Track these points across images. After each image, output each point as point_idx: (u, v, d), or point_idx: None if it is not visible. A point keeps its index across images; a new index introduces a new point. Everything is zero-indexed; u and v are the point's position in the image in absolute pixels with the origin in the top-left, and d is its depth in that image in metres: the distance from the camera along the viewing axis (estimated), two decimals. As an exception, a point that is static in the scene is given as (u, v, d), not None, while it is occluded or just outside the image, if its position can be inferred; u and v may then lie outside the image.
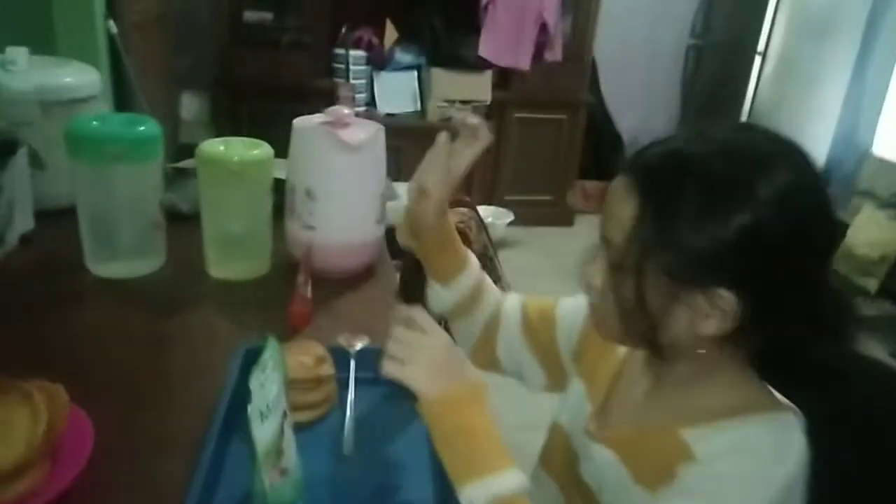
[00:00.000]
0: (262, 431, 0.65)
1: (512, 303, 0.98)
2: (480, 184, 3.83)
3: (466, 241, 1.32)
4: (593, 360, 0.86)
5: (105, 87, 2.36)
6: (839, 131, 3.61)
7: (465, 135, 0.90)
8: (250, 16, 3.39)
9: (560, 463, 0.86)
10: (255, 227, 1.25)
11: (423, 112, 3.66)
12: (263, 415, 0.65)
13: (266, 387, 0.66)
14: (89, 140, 1.14)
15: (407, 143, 3.65)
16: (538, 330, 0.94)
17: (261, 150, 1.22)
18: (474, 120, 0.90)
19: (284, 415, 0.70)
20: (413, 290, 1.24)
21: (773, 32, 3.29)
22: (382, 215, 1.32)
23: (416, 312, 0.76)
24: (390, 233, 1.36)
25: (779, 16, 3.27)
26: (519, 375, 0.98)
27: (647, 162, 0.65)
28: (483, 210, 3.74)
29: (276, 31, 3.38)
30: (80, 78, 1.45)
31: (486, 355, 0.98)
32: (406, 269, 1.31)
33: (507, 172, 3.86)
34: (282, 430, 0.68)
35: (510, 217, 3.74)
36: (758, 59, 3.32)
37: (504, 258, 3.66)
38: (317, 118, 1.25)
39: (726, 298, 0.61)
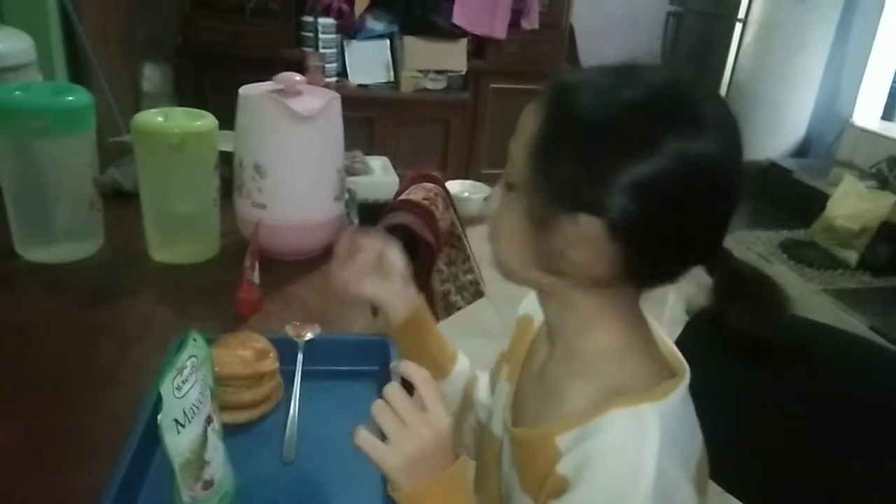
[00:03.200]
0: (178, 442, 0.56)
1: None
2: (456, 157, 3.74)
3: (432, 218, 1.23)
4: (513, 356, 0.81)
5: (50, 57, 2.22)
6: (820, 101, 3.55)
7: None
8: (212, -19, 3.23)
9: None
10: (200, 207, 1.15)
11: (396, 83, 3.53)
12: (179, 423, 0.56)
13: (183, 390, 0.57)
14: (9, 112, 1.03)
15: (380, 114, 3.55)
16: None
17: (203, 120, 1.12)
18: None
19: (209, 420, 0.61)
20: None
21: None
22: (342, 191, 1.23)
23: (422, 379, 0.64)
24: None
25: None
26: None
27: (565, 85, 0.61)
28: (458, 184, 3.65)
29: (241, -2, 3.22)
30: (9, 44, 1.33)
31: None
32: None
33: (483, 145, 3.77)
34: (205, 438, 0.60)
35: (486, 191, 3.65)
36: (738, 27, 3.23)
37: (480, 233, 3.59)
38: (265, 86, 1.14)
39: (591, 225, 0.58)
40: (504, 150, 0.65)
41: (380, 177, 3.11)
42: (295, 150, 1.12)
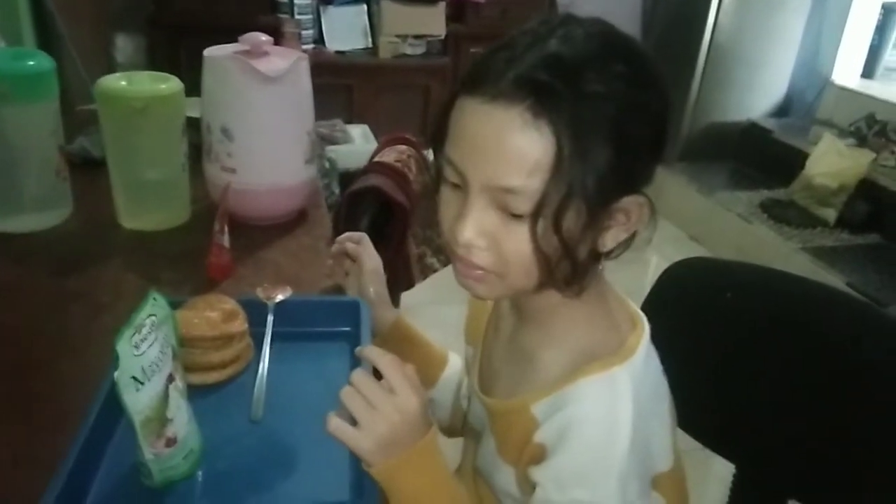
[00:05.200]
0: (137, 399, 0.56)
1: None
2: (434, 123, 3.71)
3: (405, 180, 1.22)
4: (473, 320, 0.83)
5: (16, 27, 2.17)
6: (800, 59, 3.54)
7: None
8: (184, -53, 3.15)
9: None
10: (169, 172, 1.14)
11: (374, 48, 3.48)
12: (138, 380, 0.56)
13: (141, 348, 0.57)
14: (-34, 78, 1.01)
15: (359, 81, 3.50)
16: None
17: (168, 84, 1.10)
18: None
19: (171, 378, 0.61)
20: (348, 230, 1.15)
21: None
22: (312, 155, 1.22)
23: (390, 362, 0.63)
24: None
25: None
26: None
27: (536, 82, 0.54)
28: (440, 151, 3.64)
29: (213, -36, 3.15)
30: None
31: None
32: (339, 211, 1.21)
33: (465, 111, 3.74)
34: (166, 396, 0.60)
35: (469, 157, 3.64)
36: (718, -14, 3.21)
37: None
38: (231, 47, 1.12)
39: (640, 203, 0.60)
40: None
41: (360, 145, 3.08)
42: (262, 112, 1.11)
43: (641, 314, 0.70)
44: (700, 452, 0.95)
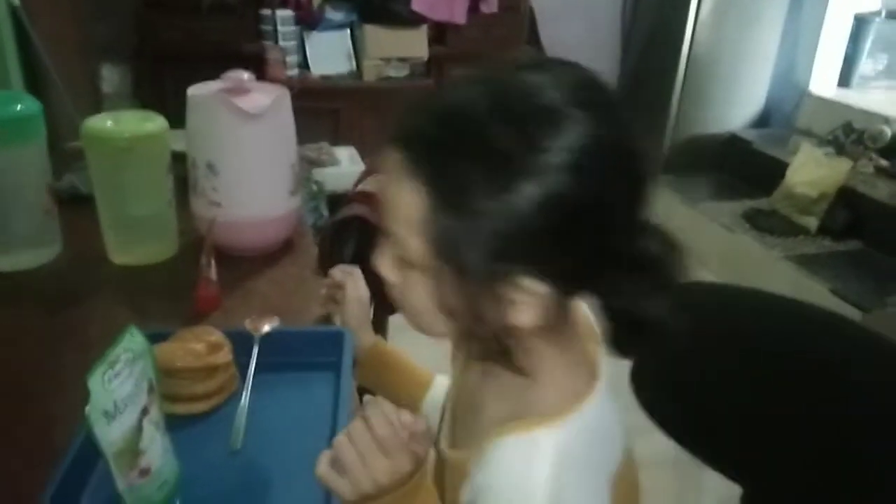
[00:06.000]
0: (108, 432, 0.59)
1: None
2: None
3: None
4: (454, 364, 0.78)
5: (3, 66, 2.20)
6: (777, 71, 3.61)
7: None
8: (167, -22, 3.20)
9: None
10: (156, 208, 1.16)
11: (358, 72, 3.53)
12: (109, 414, 0.59)
13: (114, 383, 0.59)
14: (-45, 123, 1.04)
15: (344, 104, 3.55)
16: None
17: (154, 122, 1.13)
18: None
19: (145, 411, 0.64)
20: (331, 263, 1.18)
21: (709, -27, 3.24)
22: (296, 185, 1.24)
23: (387, 423, 0.58)
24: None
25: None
26: None
27: (421, 132, 0.52)
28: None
29: (197, -6, 3.19)
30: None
31: None
32: (323, 240, 1.24)
33: (451, 130, 3.78)
34: (139, 429, 0.62)
35: (456, 176, 3.68)
36: (694, 2, 3.27)
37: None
38: (214, 85, 1.16)
39: (531, 286, 0.52)
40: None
41: (347, 167, 3.12)
42: (246, 147, 1.14)
43: (601, 364, 0.64)
44: (694, 468, 0.97)
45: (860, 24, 3.54)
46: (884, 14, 3.61)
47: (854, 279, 2.57)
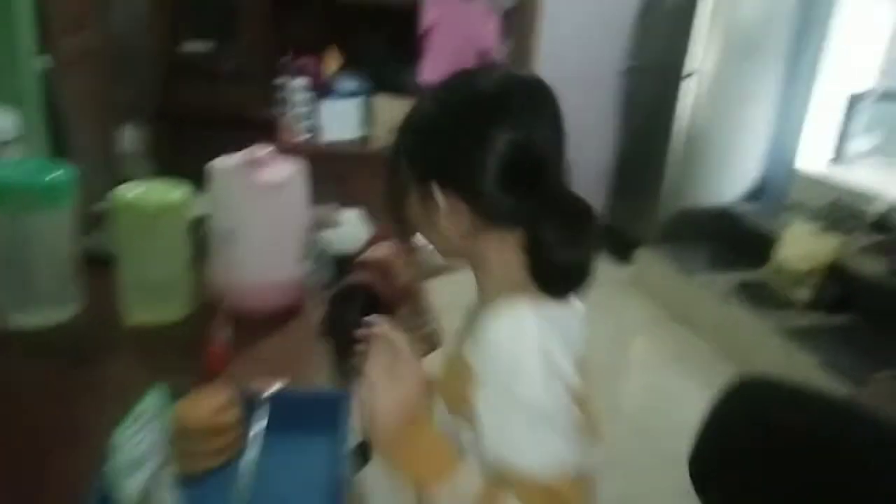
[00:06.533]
0: (127, 486, 0.65)
1: None
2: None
3: (389, 275, 1.33)
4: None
5: (31, 128, 2.32)
6: (770, 148, 3.75)
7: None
8: (189, 46, 3.38)
9: None
10: (175, 270, 1.25)
11: (369, 138, 3.67)
12: (130, 470, 0.65)
13: (136, 440, 0.66)
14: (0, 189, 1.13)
15: (352, 169, 3.67)
16: None
17: (179, 193, 1.22)
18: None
19: (161, 467, 0.70)
20: (335, 329, 1.25)
21: (704, 53, 3.40)
22: (306, 252, 1.33)
23: (396, 336, 0.83)
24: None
25: (709, 36, 3.39)
26: None
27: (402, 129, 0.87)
28: (431, 234, 3.77)
29: (216, 61, 3.37)
30: (-3, 122, 1.43)
31: None
32: (328, 306, 1.31)
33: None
34: (155, 485, 0.68)
35: (458, 240, 3.77)
36: (689, 80, 3.43)
37: (452, 280, 3.68)
38: (234, 159, 1.25)
39: (436, 191, 0.81)
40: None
41: (354, 229, 3.21)
42: (263, 217, 1.22)
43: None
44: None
45: (853, 103, 3.69)
46: (878, 94, 3.77)
47: (845, 353, 2.62)
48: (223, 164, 1.24)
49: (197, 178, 1.28)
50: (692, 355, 2.98)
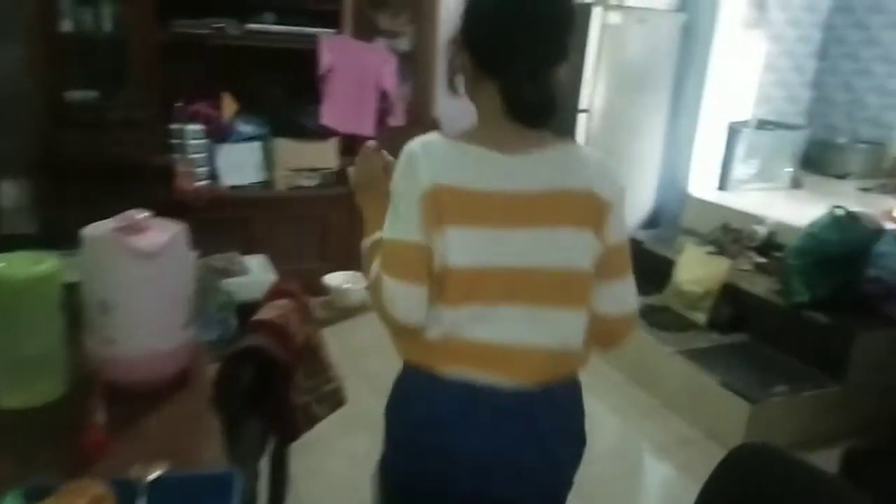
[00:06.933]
0: None
1: None
2: (336, 250, 3.81)
3: (286, 336, 1.29)
4: None
5: None
6: (662, 177, 3.94)
7: None
8: (74, 95, 3.22)
9: None
10: (47, 347, 1.16)
11: (270, 182, 3.61)
12: None
13: None
14: None
15: (255, 214, 3.59)
16: None
17: (46, 264, 1.14)
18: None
19: None
20: (227, 397, 1.19)
21: (594, 90, 3.56)
22: (192, 317, 1.27)
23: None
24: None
25: (597, 75, 3.56)
26: None
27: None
28: (340, 276, 3.72)
29: (104, 110, 3.22)
30: None
31: None
32: (220, 372, 1.25)
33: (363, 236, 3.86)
34: None
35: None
36: (584, 117, 3.57)
37: (366, 321, 3.63)
38: (109, 224, 1.19)
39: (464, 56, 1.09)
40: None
41: (258, 276, 3.13)
42: (141, 285, 1.16)
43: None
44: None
45: (733, 133, 3.95)
46: (754, 123, 4.04)
47: (742, 372, 2.74)
48: (96, 231, 1.17)
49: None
50: (600, 380, 3.04)
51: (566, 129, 3.65)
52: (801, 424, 2.58)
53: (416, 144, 1.06)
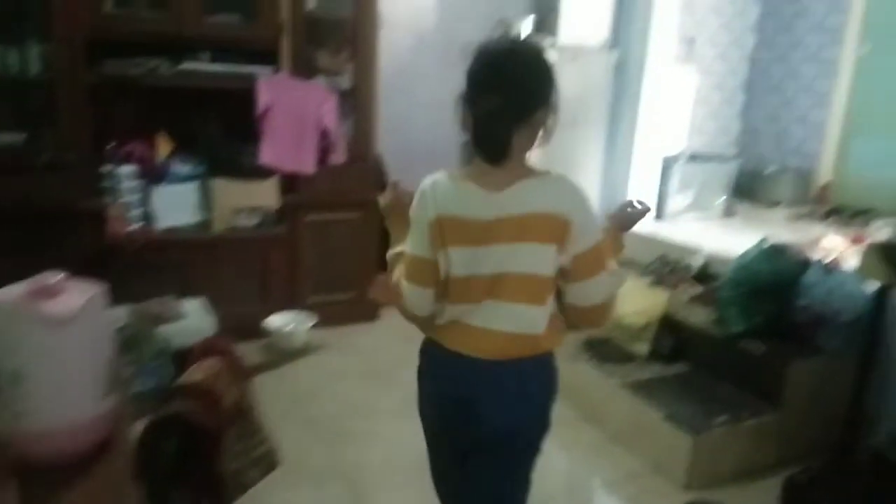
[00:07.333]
0: None
1: None
2: (277, 290, 3.74)
3: (213, 399, 1.24)
4: None
5: None
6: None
7: None
8: (1, 138, 3.10)
9: None
10: (-52, 424, 1.08)
11: (208, 222, 3.52)
12: None
13: None
14: None
15: (193, 255, 3.50)
16: None
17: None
18: None
19: None
20: (150, 468, 1.14)
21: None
22: (114, 384, 1.21)
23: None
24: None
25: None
26: None
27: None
28: (282, 317, 3.64)
29: (31, 153, 3.11)
30: None
31: None
32: (141, 442, 1.19)
33: (306, 275, 3.81)
34: None
35: (313, 320, 3.67)
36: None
37: (310, 363, 3.56)
38: (19, 288, 1.12)
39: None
40: (327, 276, 1.11)
41: (195, 320, 3.04)
42: (54, 353, 1.10)
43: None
44: None
45: (667, 165, 4.06)
46: (687, 155, 4.17)
47: (684, 403, 2.77)
48: (4, 296, 1.11)
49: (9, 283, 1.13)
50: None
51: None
52: (742, 454, 2.63)
53: (428, 182, 1.40)
